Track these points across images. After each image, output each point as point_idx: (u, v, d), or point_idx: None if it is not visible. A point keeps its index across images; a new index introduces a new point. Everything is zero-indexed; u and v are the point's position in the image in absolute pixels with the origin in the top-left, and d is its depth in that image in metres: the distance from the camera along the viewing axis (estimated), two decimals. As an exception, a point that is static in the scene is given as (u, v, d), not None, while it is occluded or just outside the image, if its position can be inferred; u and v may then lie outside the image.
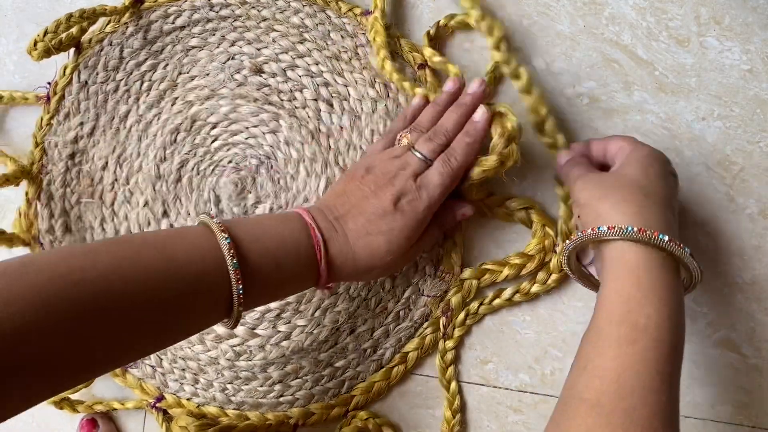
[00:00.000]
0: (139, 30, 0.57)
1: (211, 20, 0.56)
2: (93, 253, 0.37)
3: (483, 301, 0.53)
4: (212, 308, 0.41)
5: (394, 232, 0.45)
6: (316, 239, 0.44)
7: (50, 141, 0.58)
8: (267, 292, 0.44)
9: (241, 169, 0.56)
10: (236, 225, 0.42)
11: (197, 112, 0.56)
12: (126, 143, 0.57)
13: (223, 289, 0.40)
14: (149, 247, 0.39)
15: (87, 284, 0.35)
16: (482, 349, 0.54)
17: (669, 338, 0.37)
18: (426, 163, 0.47)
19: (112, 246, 0.38)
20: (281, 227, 0.43)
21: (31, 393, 0.35)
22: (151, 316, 0.38)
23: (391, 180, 0.46)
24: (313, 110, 0.55)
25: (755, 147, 0.51)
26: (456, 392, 0.53)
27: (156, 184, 0.56)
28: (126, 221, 0.57)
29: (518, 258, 0.52)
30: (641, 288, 0.38)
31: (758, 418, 0.51)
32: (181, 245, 0.40)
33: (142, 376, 0.57)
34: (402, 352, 0.53)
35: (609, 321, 0.38)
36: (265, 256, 0.42)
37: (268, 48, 0.56)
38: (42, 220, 0.57)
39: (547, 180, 0.53)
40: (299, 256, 0.43)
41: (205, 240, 0.40)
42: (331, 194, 0.48)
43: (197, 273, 0.39)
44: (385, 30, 0.52)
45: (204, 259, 0.40)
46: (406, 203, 0.45)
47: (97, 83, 0.57)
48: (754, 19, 0.51)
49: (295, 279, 0.44)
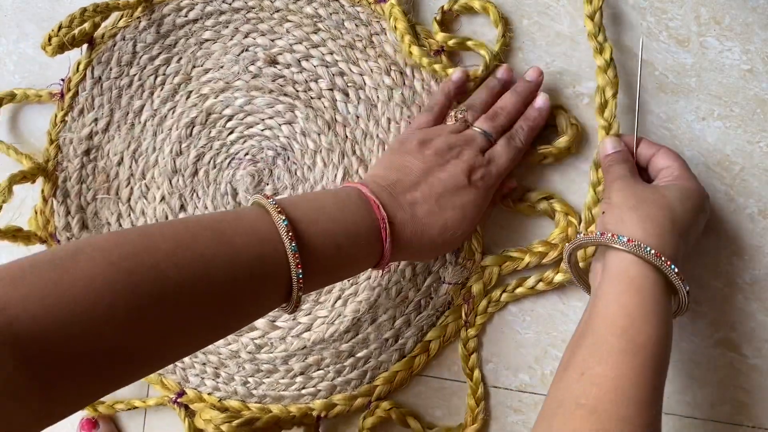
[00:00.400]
0: (152, 24, 0.56)
1: (224, 12, 0.56)
2: (147, 237, 0.36)
3: (506, 289, 0.52)
4: (271, 293, 0.40)
5: (468, 207, 0.45)
6: (382, 217, 0.42)
7: (65, 138, 0.57)
8: (327, 274, 0.42)
9: (258, 161, 0.55)
10: (293, 205, 0.40)
11: (212, 105, 0.56)
12: (141, 138, 0.57)
13: (282, 273, 0.39)
14: (205, 231, 0.37)
15: (142, 272, 0.34)
16: (482, 349, 0.53)
17: (663, 355, 0.39)
18: (489, 141, 0.48)
19: (166, 229, 0.37)
20: (340, 205, 0.42)
21: (84, 389, 0.34)
22: (208, 303, 0.37)
23: (458, 154, 0.46)
24: (329, 100, 0.55)
25: (755, 147, 0.51)
26: (479, 380, 0.53)
27: (172, 179, 0.56)
28: (143, 216, 0.57)
29: (541, 246, 0.52)
30: (644, 307, 0.40)
31: (758, 418, 0.50)
32: (238, 229, 0.38)
33: (162, 372, 0.57)
34: (424, 341, 0.53)
35: (611, 332, 0.39)
36: (324, 237, 0.40)
37: (282, 39, 0.55)
38: (58, 217, 0.57)
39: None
40: (360, 236, 0.42)
41: (262, 223, 0.39)
42: (386, 167, 0.46)
43: (255, 257, 0.38)
44: (404, 15, 0.52)
45: (262, 242, 0.38)
46: (478, 178, 0.46)
47: (111, 78, 0.57)
48: (754, 19, 0.50)
49: (356, 259, 0.43)
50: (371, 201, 0.43)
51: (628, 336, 0.39)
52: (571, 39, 0.53)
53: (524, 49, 0.54)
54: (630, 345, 0.38)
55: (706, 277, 0.51)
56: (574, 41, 0.53)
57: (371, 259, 0.44)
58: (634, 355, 0.38)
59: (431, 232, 0.44)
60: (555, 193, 0.52)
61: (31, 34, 0.60)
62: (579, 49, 0.53)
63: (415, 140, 0.47)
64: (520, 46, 0.53)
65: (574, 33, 0.53)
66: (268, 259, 0.38)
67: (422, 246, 0.45)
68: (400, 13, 0.52)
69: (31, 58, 0.59)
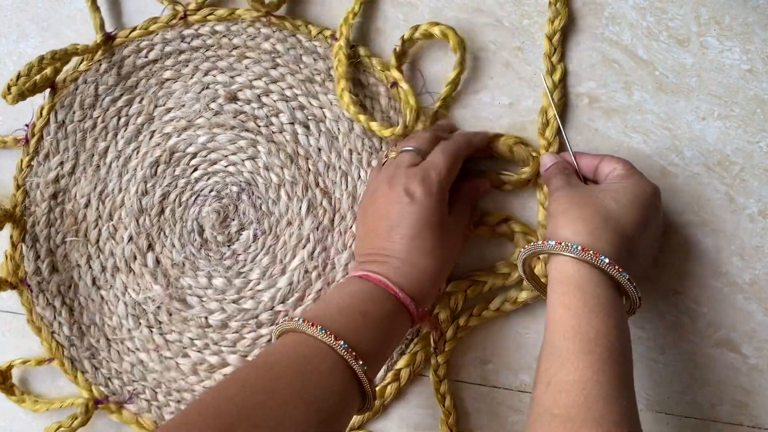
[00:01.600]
0: (113, 66, 0.57)
1: (183, 52, 0.57)
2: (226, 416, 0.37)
3: (472, 313, 0.53)
4: (352, 413, 0.43)
5: (422, 219, 0.45)
6: (379, 281, 0.45)
7: (31, 182, 0.58)
8: (382, 358, 0.45)
9: (223, 197, 0.56)
10: (338, 327, 0.42)
11: (176, 144, 0.56)
12: (107, 179, 0.57)
13: (355, 394, 0.42)
14: (287, 402, 0.38)
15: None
16: (482, 349, 0.54)
17: (618, 345, 0.40)
18: (419, 154, 0.48)
19: (247, 401, 0.38)
20: (359, 305, 0.44)
21: None
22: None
23: (393, 180, 0.47)
24: (291, 134, 0.55)
25: (755, 147, 0.51)
26: (452, 407, 0.53)
27: (139, 218, 0.57)
28: (112, 257, 0.57)
29: (504, 267, 0.52)
30: (587, 303, 0.40)
31: (758, 418, 0.51)
32: (313, 383, 0.40)
33: (138, 411, 0.57)
34: (394, 369, 0.53)
35: (563, 336, 0.40)
36: (371, 339, 0.42)
37: (241, 75, 0.56)
38: (28, 261, 0.57)
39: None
40: (383, 309, 0.44)
41: (337, 370, 0.41)
42: (358, 241, 0.49)
43: (336, 402, 0.40)
44: (348, 59, 0.52)
45: (336, 383, 0.41)
46: (416, 187, 0.46)
47: (75, 122, 0.57)
48: (754, 19, 0.51)
49: (393, 327, 0.45)
50: (363, 277, 0.45)
51: (579, 336, 0.39)
52: (571, 39, 0.53)
53: (524, 49, 0.54)
54: (583, 344, 0.39)
55: (706, 277, 0.51)
56: (574, 41, 0.53)
57: (405, 318, 0.46)
58: (590, 353, 0.39)
59: (422, 261, 0.46)
60: (512, 215, 0.53)
61: (31, 34, 0.60)
62: (579, 49, 0.53)
63: (368, 200, 0.49)
64: (520, 46, 0.54)
65: (574, 33, 0.53)
66: (346, 394, 0.41)
67: (430, 276, 0.46)
68: (343, 56, 0.52)
69: (31, 58, 0.58)
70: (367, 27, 0.55)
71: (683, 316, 0.51)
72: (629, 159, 0.48)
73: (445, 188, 0.47)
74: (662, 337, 0.52)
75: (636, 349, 0.50)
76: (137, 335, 0.56)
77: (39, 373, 0.59)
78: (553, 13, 0.52)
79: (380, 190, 0.47)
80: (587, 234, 0.42)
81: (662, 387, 0.52)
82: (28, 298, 0.57)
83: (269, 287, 0.55)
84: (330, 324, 0.41)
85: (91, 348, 0.57)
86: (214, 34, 0.56)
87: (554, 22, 0.52)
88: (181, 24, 0.56)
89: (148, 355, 0.56)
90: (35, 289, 0.57)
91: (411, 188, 0.46)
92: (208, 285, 0.56)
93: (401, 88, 0.52)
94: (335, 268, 0.55)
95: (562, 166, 0.49)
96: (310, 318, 0.42)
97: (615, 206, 0.44)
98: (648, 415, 0.52)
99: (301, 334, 0.42)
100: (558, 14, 0.52)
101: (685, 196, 0.51)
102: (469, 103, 0.54)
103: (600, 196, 0.45)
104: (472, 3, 0.54)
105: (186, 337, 0.56)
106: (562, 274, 0.42)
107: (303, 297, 0.55)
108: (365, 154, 0.54)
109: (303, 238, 0.55)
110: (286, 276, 0.55)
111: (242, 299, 0.55)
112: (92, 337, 0.57)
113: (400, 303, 0.45)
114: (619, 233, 0.43)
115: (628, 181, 0.46)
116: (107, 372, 0.57)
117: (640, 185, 0.46)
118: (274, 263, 0.55)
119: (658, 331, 0.52)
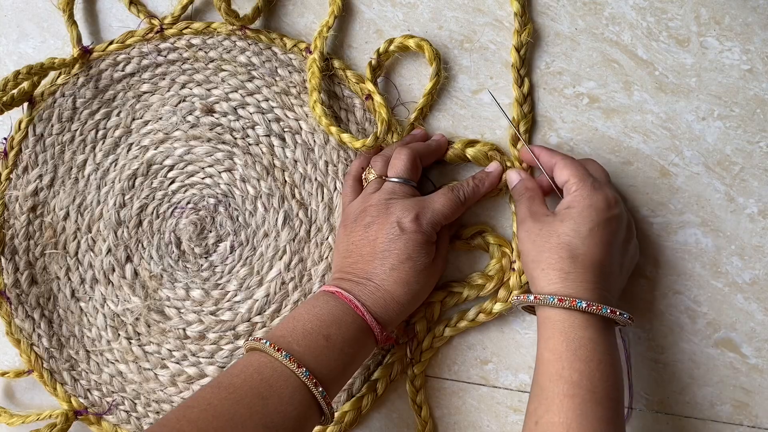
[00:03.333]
0: (90, 79, 0.57)
1: (160, 65, 0.57)
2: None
3: (448, 323, 0.53)
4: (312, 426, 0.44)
5: (406, 253, 0.47)
6: (350, 300, 0.46)
7: (10, 195, 0.58)
8: (343, 380, 0.46)
9: (200, 209, 0.56)
10: (302, 351, 0.43)
11: (153, 156, 0.57)
12: (85, 192, 0.57)
13: (313, 414, 0.43)
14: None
15: None
16: (482, 349, 0.54)
17: (602, 386, 0.42)
18: (406, 184, 0.49)
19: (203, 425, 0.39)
20: (323, 329, 0.45)
21: None
22: None
23: (389, 209, 0.48)
24: (267, 146, 0.55)
25: (755, 147, 0.51)
26: (428, 416, 0.53)
27: (117, 231, 0.57)
28: (91, 269, 0.57)
29: (480, 278, 0.53)
30: (570, 346, 0.43)
31: (758, 418, 0.51)
32: (273, 408, 0.41)
33: (118, 422, 0.57)
34: (371, 380, 0.54)
35: (549, 378, 0.43)
36: (331, 360, 0.44)
37: (217, 88, 0.56)
38: (7, 274, 0.58)
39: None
40: (348, 331, 0.45)
41: (298, 394, 0.42)
42: (339, 257, 0.50)
43: (295, 426, 0.42)
44: (321, 72, 0.53)
45: (296, 407, 0.42)
46: (408, 222, 0.47)
47: (53, 135, 0.58)
48: (754, 19, 0.51)
49: (356, 350, 0.46)
50: (334, 293, 0.46)
51: (563, 380, 0.42)
52: (571, 39, 0.53)
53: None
54: (566, 387, 0.42)
55: (706, 277, 0.52)
56: (574, 41, 0.53)
57: (369, 339, 0.47)
58: (573, 396, 0.41)
59: (398, 290, 0.47)
60: (486, 227, 0.53)
61: (31, 34, 0.60)
62: (579, 49, 0.53)
63: (351, 220, 0.49)
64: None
65: (573, 33, 0.53)
66: (307, 414, 0.43)
67: (401, 304, 0.48)
68: (317, 69, 0.53)
69: (31, 58, 0.58)
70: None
71: (683, 316, 0.52)
72: (629, 159, 0.49)
73: (435, 229, 0.49)
74: (662, 337, 0.52)
75: (636, 348, 0.51)
76: (116, 347, 0.57)
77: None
78: (519, 25, 0.52)
79: (370, 214, 0.48)
80: (560, 281, 0.44)
81: (662, 387, 0.52)
82: (6, 310, 0.57)
83: (246, 298, 0.55)
84: (295, 348, 0.43)
85: (70, 360, 0.57)
86: (190, 47, 0.56)
87: (521, 34, 0.52)
88: (158, 38, 0.57)
89: (127, 366, 0.57)
90: (14, 301, 0.57)
91: (403, 222, 0.47)
92: (186, 297, 0.56)
93: (375, 100, 0.52)
94: (312, 279, 0.55)
95: (526, 186, 0.50)
96: (276, 339, 0.44)
97: (578, 242, 0.45)
98: (648, 415, 0.52)
99: (268, 355, 0.43)
100: (525, 26, 0.52)
101: (685, 196, 0.52)
102: (468, 104, 0.54)
103: (561, 232, 0.45)
104: (472, 3, 0.54)
105: (164, 348, 0.56)
106: (547, 320, 0.45)
107: (280, 308, 0.55)
108: (341, 165, 0.55)
109: (280, 250, 0.55)
110: (263, 287, 0.55)
111: (220, 311, 0.56)
112: (71, 348, 0.57)
113: (366, 325, 0.46)
114: (588, 267, 0.44)
115: (585, 202, 0.46)
116: (86, 383, 0.57)
117: (592, 204, 0.46)
118: (252, 275, 0.55)
119: (658, 331, 0.52)
